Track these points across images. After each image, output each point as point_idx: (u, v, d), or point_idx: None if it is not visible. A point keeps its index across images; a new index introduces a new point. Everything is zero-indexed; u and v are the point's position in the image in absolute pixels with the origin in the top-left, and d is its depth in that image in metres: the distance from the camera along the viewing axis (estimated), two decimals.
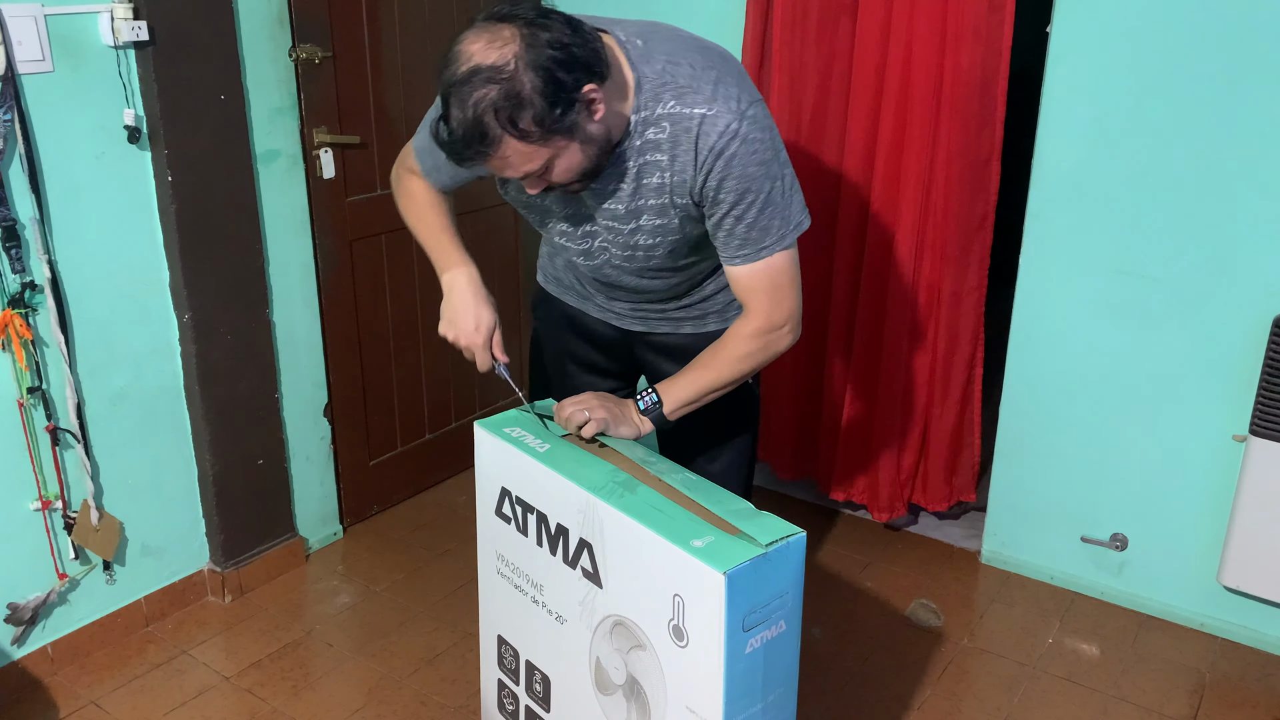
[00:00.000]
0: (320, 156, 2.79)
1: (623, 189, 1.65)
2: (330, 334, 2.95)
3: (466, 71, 1.43)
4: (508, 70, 1.42)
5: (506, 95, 1.42)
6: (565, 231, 1.80)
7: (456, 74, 1.44)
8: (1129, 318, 2.58)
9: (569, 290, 2.02)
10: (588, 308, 2.01)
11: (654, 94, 1.57)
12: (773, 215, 1.63)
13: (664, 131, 1.58)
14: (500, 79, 1.42)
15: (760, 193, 1.60)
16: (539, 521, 1.67)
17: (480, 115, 1.43)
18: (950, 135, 2.65)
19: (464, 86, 1.43)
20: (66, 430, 2.40)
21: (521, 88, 1.42)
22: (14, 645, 2.42)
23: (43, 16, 2.19)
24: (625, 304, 1.94)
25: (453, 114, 1.46)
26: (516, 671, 1.86)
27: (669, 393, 1.75)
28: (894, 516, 3.07)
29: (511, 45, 1.43)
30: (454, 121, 1.46)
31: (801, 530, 1.42)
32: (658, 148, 1.59)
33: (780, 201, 1.63)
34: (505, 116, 1.43)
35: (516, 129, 1.44)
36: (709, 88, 1.56)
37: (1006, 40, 2.54)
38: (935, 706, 2.42)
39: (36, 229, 2.26)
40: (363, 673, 2.53)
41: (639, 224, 1.68)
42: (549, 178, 1.55)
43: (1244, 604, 2.61)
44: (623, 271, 1.81)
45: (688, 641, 1.42)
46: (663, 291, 1.86)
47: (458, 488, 3.42)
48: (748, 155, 1.57)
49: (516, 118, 1.43)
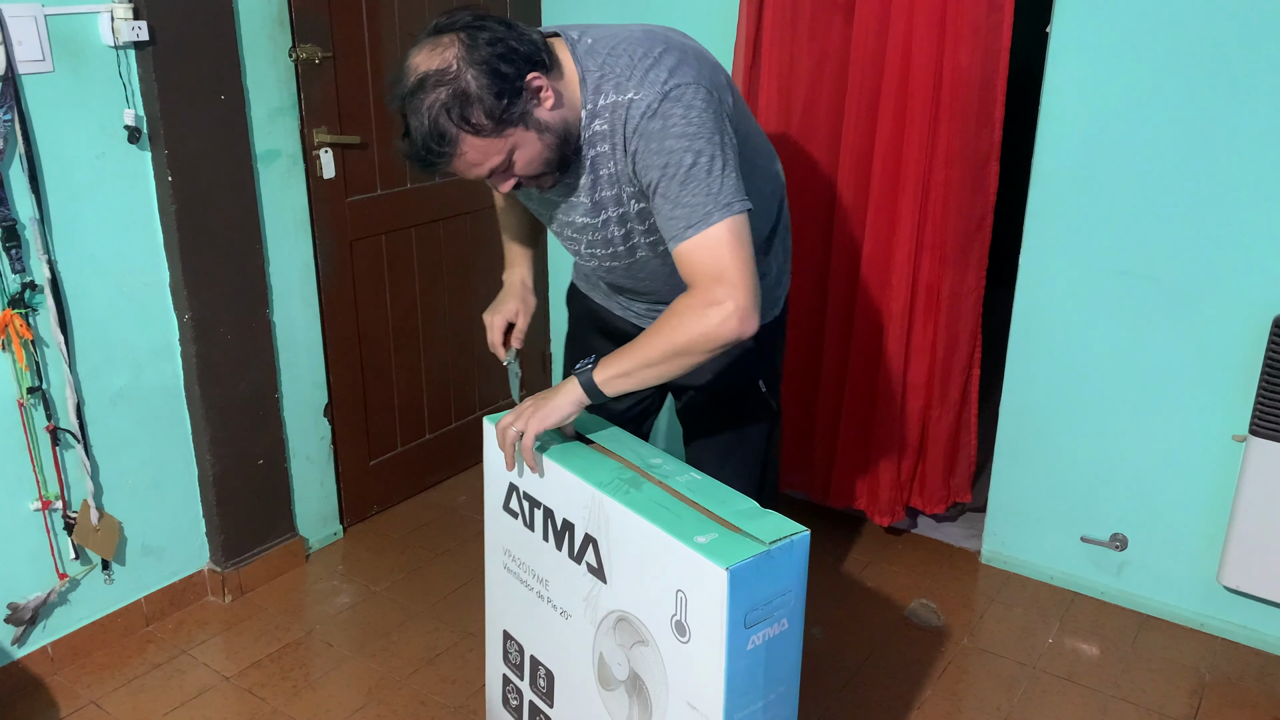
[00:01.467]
0: (320, 156, 2.79)
1: (583, 184, 1.70)
2: (330, 334, 2.95)
3: (415, 82, 1.52)
4: (451, 72, 1.51)
5: (454, 94, 1.50)
6: (559, 234, 1.87)
7: (406, 87, 1.53)
8: (1129, 318, 2.59)
9: (596, 289, 2.08)
10: (611, 305, 2.06)
11: (596, 87, 1.62)
12: (696, 190, 1.57)
13: (606, 123, 1.62)
14: (446, 80, 1.50)
15: (680, 166, 1.57)
16: (545, 517, 1.68)
17: (435, 118, 1.51)
18: (949, 135, 2.65)
19: (415, 96, 1.52)
20: (66, 430, 2.39)
21: (468, 85, 1.50)
22: (14, 645, 2.42)
23: (43, 16, 2.19)
24: (642, 304, 1.98)
25: (410, 125, 1.54)
26: (521, 666, 1.87)
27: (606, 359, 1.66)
28: (894, 520, 3.07)
29: (451, 49, 1.52)
30: (413, 132, 1.54)
31: (805, 529, 1.42)
32: (603, 138, 1.64)
33: (704, 177, 1.57)
34: (458, 114, 1.51)
35: (470, 125, 1.52)
36: (640, 74, 1.60)
37: (1006, 40, 2.54)
38: (935, 706, 2.42)
39: (36, 229, 2.26)
40: (363, 673, 2.53)
41: (606, 215, 1.73)
42: (514, 172, 1.62)
43: (1244, 604, 2.61)
44: (615, 268, 1.85)
45: (690, 637, 1.42)
46: (665, 292, 1.86)
47: (458, 488, 3.42)
48: (665, 130, 1.57)
49: (468, 114, 1.51)
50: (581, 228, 1.79)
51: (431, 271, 3.22)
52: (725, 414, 2.05)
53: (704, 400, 2.05)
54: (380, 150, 2.98)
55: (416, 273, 3.18)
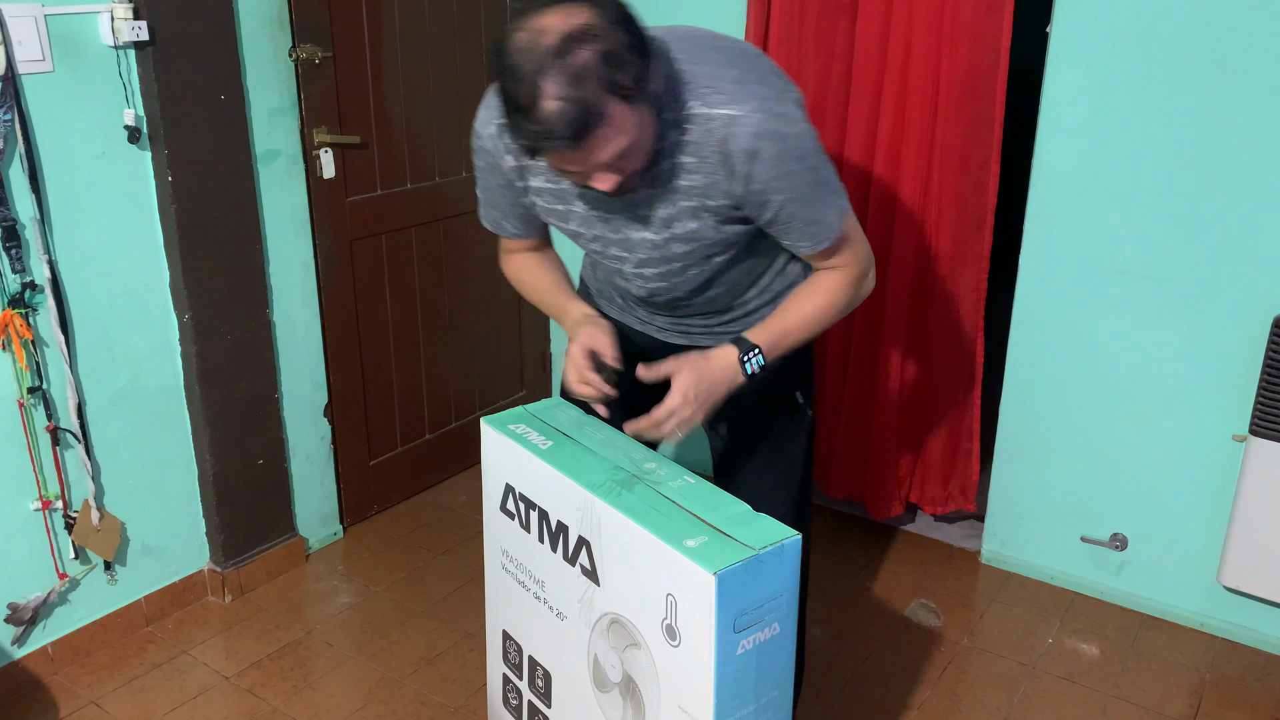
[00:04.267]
0: (320, 156, 2.80)
1: (654, 195, 1.59)
2: (330, 334, 2.96)
3: (558, 43, 1.31)
4: (596, 28, 1.33)
5: (604, 55, 1.32)
6: (600, 250, 1.74)
7: (543, 46, 1.31)
8: (1129, 318, 2.58)
9: (610, 303, 1.96)
10: (629, 320, 1.95)
11: (674, 92, 1.51)
12: (823, 204, 1.60)
13: (687, 134, 1.52)
14: (591, 38, 1.32)
15: (805, 185, 1.57)
16: (540, 518, 1.68)
17: (583, 81, 1.32)
18: (948, 136, 2.65)
19: (559, 58, 1.31)
20: (67, 430, 2.40)
21: (616, 45, 1.33)
22: (14, 645, 2.43)
23: (43, 16, 2.20)
24: (667, 318, 1.88)
25: (547, 92, 1.32)
26: (520, 666, 1.87)
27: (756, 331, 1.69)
28: (891, 515, 3.06)
29: (586, 9, 1.34)
30: (550, 99, 1.32)
31: (796, 533, 1.42)
32: (683, 149, 1.53)
33: (825, 191, 1.60)
34: (609, 78, 1.33)
35: (620, 90, 1.34)
36: (732, 87, 1.51)
37: (1005, 40, 2.54)
38: (935, 706, 2.42)
39: (36, 229, 2.26)
40: (363, 673, 2.53)
41: (672, 232, 1.63)
42: (625, 165, 1.46)
43: (1244, 604, 2.60)
44: (661, 283, 1.75)
45: (680, 641, 1.42)
46: (703, 305, 1.81)
47: (458, 488, 3.42)
48: (784, 152, 1.52)
49: (619, 77, 1.34)
50: (637, 243, 1.67)
51: (431, 271, 3.22)
52: (763, 427, 1.96)
53: (742, 414, 1.93)
54: (380, 150, 2.98)
55: (416, 273, 3.18)
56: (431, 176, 3.16)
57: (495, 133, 1.65)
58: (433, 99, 3.11)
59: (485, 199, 1.80)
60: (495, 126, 1.64)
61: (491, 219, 1.83)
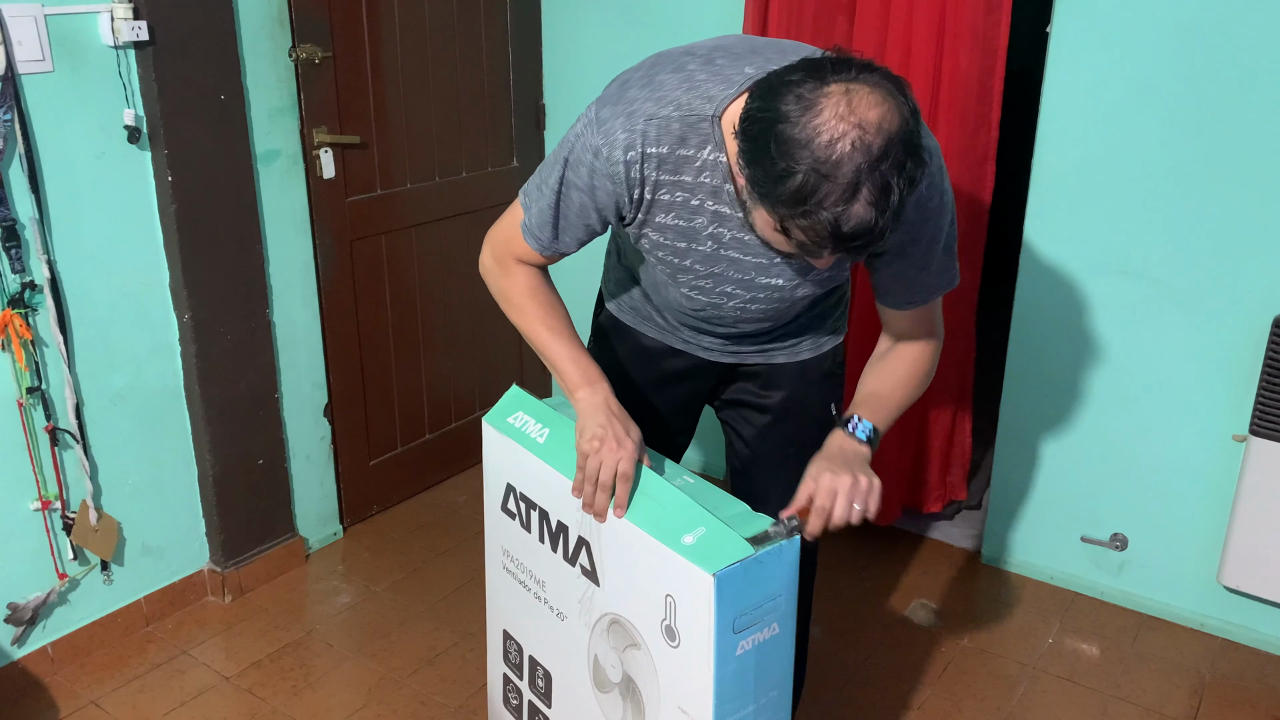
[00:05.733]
0: (320, 156, 2.80)
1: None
2: (330, 334, 2.96)
3: (882, 146, 1.20)
4: (910, 127, 1.23)
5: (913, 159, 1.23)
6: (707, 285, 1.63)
7: (869, 146, 1.19)
8: (1129, 317, 2.58)
9: (648, 321, 1.88)
10: (668, 339, 1.87)
11: None
12: (949, 255, 1.55)
13: None
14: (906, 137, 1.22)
15: (944, 237, 1.52)
16: (541, 518, 1.68)
17: (894, 193, 1.22)
18: (947, 136, 2.65)
19: (884, 163, 1.20)
20: (66, 430, 2.40)
21: (917, 143, 1.24)
22: (14, 645, 2.43)
23: (43, 16, 2.20)
24: (716, 339, 1.82)
25: (863, 197, 1.20)
26: (520, 666, 1.87)
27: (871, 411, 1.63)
28: (890, 520, 3.06)
29: (897, 98, 1.23)
30: (864, 204, 1.21)
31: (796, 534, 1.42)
32: None
33: (954, 239, 1.54)
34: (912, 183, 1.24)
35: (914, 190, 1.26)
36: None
37: (1003, 40, 2.54)
38: (935, 706, 2.42)
39: (36, 229, 2.26)
40: (363, 673, 2.53)
41: (806, 279, 1.58)
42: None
43: (1244, 604, 2.60)
44: (762, 321, 1.70)
45: (679, 642, 1.42)
46: (763, 327, 1.77)
47: (458, 488, 3.42)
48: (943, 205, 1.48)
49: (917, 178, 1.25)
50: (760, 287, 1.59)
51: (431, 271, 3.22)
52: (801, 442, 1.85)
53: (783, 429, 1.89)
54: (380, 150, 2.98)
55: (416, 273, 3.18)
56: (431, 176, 3.16)
57: (633, 160, 1.47)
58: (432, 99, 3.11)
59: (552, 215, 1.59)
60: (635, 154, 1.46)
61: (545, 233, 1.61)
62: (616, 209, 1.54)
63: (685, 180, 1.48)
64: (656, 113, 1.44)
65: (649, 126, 1.44)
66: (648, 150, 1.45)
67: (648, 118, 1.44)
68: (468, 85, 3.20)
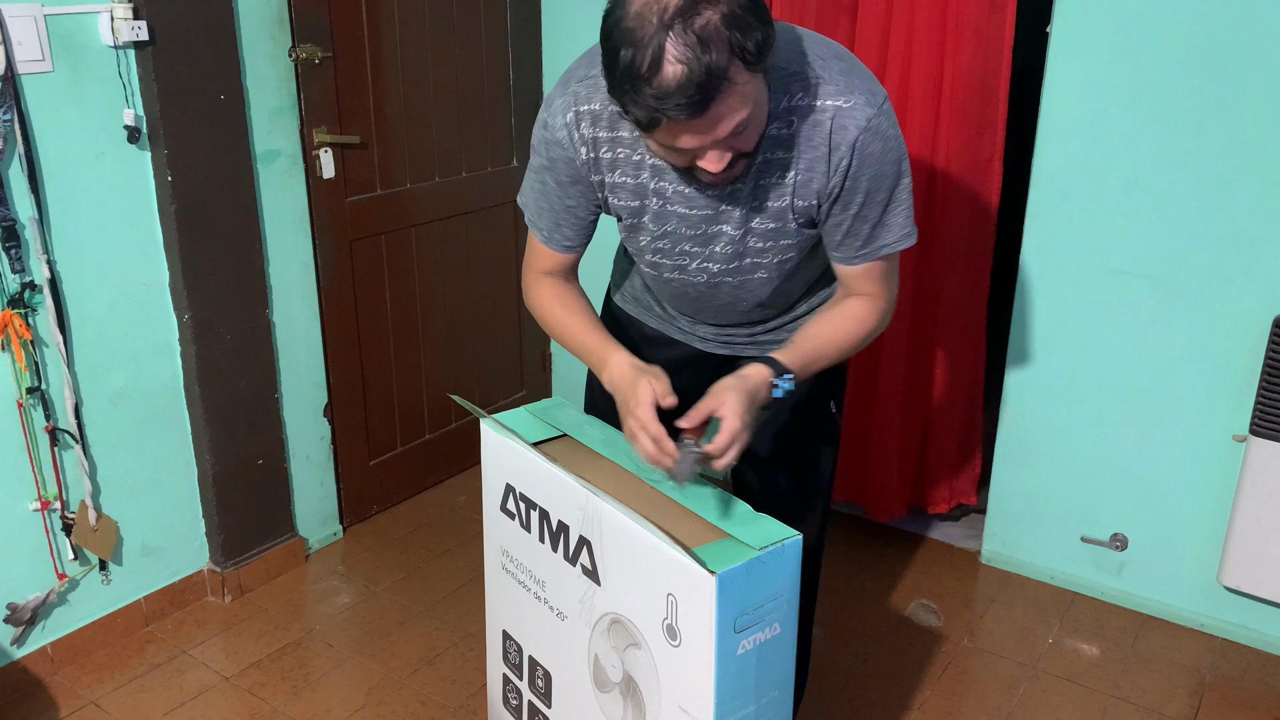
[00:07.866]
0: (320, 156, 2.79)
1: (741, 190, 1.53)
2: (330, 334, 2.96)
3: (682, 2, 1.24)
4: None
5: (727, 17, 1.25)
6: (665, 249, 1.67)
7: (665, 6, 1.25)
8: (1129, 318, 2.58)
9: (648, 311, 1.91)
10: (668, 330, 1.89)
11: (780, 84, 1.44)
12: (899, 212, 1.56)
13: (789, 126, 1.46)
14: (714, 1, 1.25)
15: (889, 190, 1.53)
16: (541, 518, 1.67)
17: (709, 44, 1.24)
18: (951, 136, 2.65)
19: (684, 18, 1.24)
20: (65, 430, 2.40)
21: (740, 7, 1.26)
22: (14, 645, 2.43)
23: (43, 16, 2.20)
24: (711, 328, 1.84)
25: (670, 55, 1.24)
26: (520, 666, 1.87)
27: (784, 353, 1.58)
28: (893, 518, 3.06)
29: None
30: (673, 62, 1.25)
31: (797, 534, 1.41)
32: (779, 144, 1.48)
33: (906, 199, 1.56)
34: (734, 40, 1.25)
35: (744, 54, 1.27)
36: (841, 79, 1.46)
37: (1008, 39, 2.54)
38: (935, 706, 2.42)
39: (36, 229, 2.26)
40: (363, 673, 2.53)
41: (751, 226, 1.58)
42: (739, 142, 1.38)
43: (1244, 604, 2.60)
44: (718, 288, 1.70)
45: (680, 641, 1.42)
46: (754, 314, 1.79)
47: (458, 488, 3.42)
48: (885, 153, 1.49)
49: (744, 41, 1.26)
50: (713, 237, 1.60)
51: (431, 271, 3.22)
52: (799, 439, 1.90)
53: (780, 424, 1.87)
54: (380, 150, 2.98)
55: (416, 273, 3.18)
56: (431, 176, 3.16)
57: (570, 122, 1.55)
58: (432, 99, 3.11)
59: (542, 204, 1.67)
60: (571, 115, 1.54)
61: (545, 227, 1.69)
62: (584, 180, 1.61)
63: (623, 136, 1.55)
64: (586, 74, 1.53)
65: (580, 87, 1.54)
66: (581, 109, 1.54)
67: (579, 80, 1.54)
68: (468, 85, 3.20)
